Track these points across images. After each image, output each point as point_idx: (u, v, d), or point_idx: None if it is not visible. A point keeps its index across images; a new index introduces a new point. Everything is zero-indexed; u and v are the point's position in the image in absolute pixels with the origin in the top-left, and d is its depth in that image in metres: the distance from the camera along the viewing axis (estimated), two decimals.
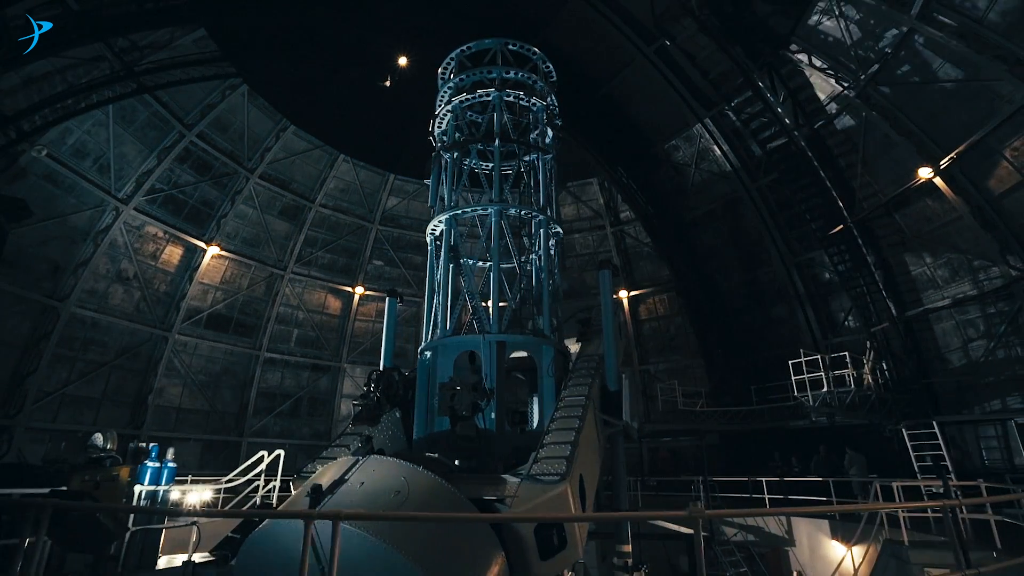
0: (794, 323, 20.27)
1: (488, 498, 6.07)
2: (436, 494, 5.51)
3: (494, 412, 9.04)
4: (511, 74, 13.24)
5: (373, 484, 5.49)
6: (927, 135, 15.10)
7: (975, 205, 14.62)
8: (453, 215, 11.63)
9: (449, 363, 9.80)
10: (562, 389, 9.38)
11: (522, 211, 12.16)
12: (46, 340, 17.23)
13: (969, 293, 15.24)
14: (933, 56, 14.25)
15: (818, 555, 13.03)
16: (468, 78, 13.18)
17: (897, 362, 16.26)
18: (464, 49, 13.85)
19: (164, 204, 19.97)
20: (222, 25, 17.66)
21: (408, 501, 5.26)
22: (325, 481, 5.59)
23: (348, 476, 5.62)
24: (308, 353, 24.43)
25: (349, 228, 25.10)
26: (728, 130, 19.90)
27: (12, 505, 7.67)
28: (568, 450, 6.72)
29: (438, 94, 13.79)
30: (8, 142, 15.17)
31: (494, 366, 9.63)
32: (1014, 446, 14.59)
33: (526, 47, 13.94)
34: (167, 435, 20.28)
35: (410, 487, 5.40)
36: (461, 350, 10.06)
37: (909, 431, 15.38)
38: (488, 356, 9.71)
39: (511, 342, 10.21)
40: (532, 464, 6.48)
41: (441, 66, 14.19)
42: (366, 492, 5.39)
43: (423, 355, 10.50)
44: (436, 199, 12.42)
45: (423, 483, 5.55)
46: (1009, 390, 14.77)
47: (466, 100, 13.00)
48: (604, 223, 25.50)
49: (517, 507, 5.80)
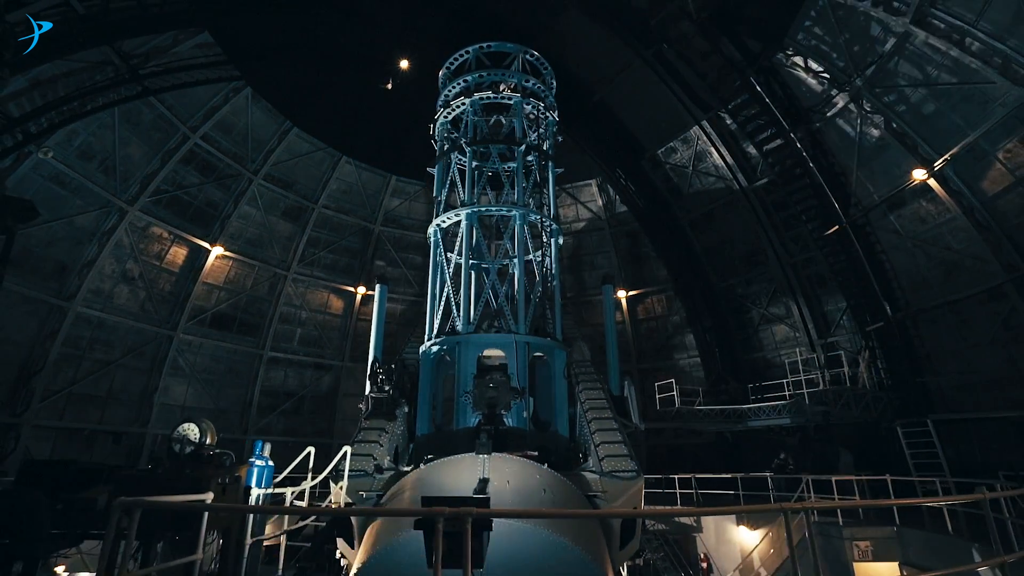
0: (790, 323, 20.50)
1: (589, 494, 6.39)
2: (568, 492, 5.99)
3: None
4: (530, 83, 13.54)
5: (519, 483, 5.80)
6: (921, 137, 15.32)
7: (968, 206, 14.82)
8: (476, 211, 11.71)
9: (473, 358, 9.92)
10: (578, 392, 9.69)
11: (541, 219, 12.45)
12: (52, 339, 17.47)
13: (962, 293, 15.42)
14: (927, 59, 14.45)
15: (723, 539, 15.21)
16: (487, 77, 13.41)
17: (892, 361, 16.46)
18: (483, 46, 14.11)
19: (169, 205, 20.21)
20: (225, 29, 17.89)
21: (555, 499, 5.59)
22: (454, 480, 5.84)
23: (485, 475, 5.86)
24: (311, 352, 24.66)
25: (351, 229, 25.34)
26: (725, 132, 20.13)
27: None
28: (625, 448, 7.10)
29: (444, 90, 14.02)
30: (15, 144, 15.39)
31: (525, 366, 9.83)
32: (1007, 443, 14.79)
33: (541, 60, 14.25)
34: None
35: (549, 486, 5.73)
36: (485, 347, 10.20)
37: (903, 429, 15.62)
38: (515, 356, 9.89)
39: (533, 344, 10.47)
40: (600, 461, 6.81)
41: (447, 63, 14.45)
42: (518, 491, 5.71)
43: (428, 350, 10.63)
44: (444, 193, 12.59)
45: (556, 483, 6.00)
46: (1002, 388, 14.95)
47: (487, 98, 13.14)
48: (603, 224, 25.73)
49: (609, 501, 6.13)
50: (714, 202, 22.10)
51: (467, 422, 9.18)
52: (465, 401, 9.22)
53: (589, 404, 9.14)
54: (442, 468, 6.45)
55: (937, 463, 14.77)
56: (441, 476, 6.18)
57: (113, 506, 3.29)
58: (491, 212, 12.28)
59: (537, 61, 14.43)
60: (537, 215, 12.42)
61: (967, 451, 15.44)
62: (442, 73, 15.13)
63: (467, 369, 9.65)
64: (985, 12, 12.95)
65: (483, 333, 10.81)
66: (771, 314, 21.28)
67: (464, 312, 10.85)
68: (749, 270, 21.77)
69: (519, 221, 11.92)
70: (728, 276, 22.43)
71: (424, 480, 6.17)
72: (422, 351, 10.99)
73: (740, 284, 22.17)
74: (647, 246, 24.56)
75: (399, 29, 18.37)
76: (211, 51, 18.32)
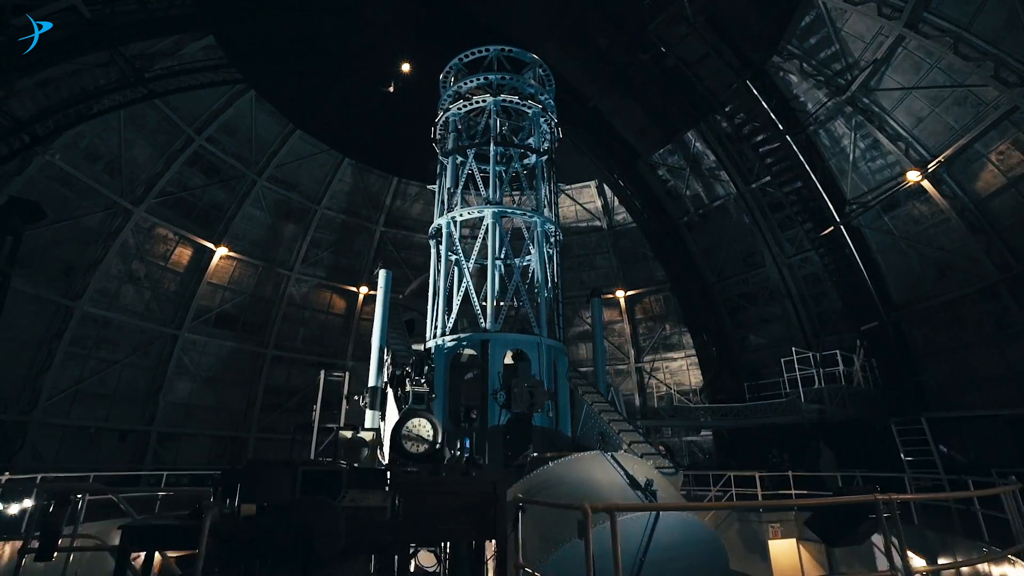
0: (786, 322, 20.72)
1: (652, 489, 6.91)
2: (665, 483, 6.77)
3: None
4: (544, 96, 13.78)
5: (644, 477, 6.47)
6: (915, 139, 15.54)
7: (961, 207, 15.03)
8: (500, 211, 11.88)
9: (500, 356, 10.09)
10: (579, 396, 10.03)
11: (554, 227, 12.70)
12: (59, 338, 17.69)
13: (956, 293, 15.63)
14: (921, 62, 14.65)
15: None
16: (508, 81, 13.64)
17: (886, 360, 16.67)
18: (504, 49, 14.29)
19: (174, 206, 20.44)
20: (230, 33, 18.15)
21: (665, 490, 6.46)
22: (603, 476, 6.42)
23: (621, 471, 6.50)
24: (314, 351, 24.92)
25: (354, 230, 25.59)
26: (722, 135, 20.35)
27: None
28: (651, 447, 7.79)
29: (453, 86, 14.22)
30: (22, 146, 15.60)
31: (550, 367, 10.06)
32: (1000, 441, 14.99)
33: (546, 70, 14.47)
34: (178, 431, 20.86)
35: (656, 478, 6.49)
36: (512, 347, 10.38)
37: (898, 427, 15.83)
38: (540, 358, 10.10)
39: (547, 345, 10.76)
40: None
41: (460, 56, 14.64)
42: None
43: (443, 345, 10.76)
44: (459, 193, 12.77)
45: (657, 476, 6.69)
46: (995, 387, 15.16)
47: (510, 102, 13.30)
48: (601, 225, 25.97)
49: (661, 492, 6.65)
50: (711, 203, 22.34)
51: (494, 419, 9.29)
52: (499, 399, 9.23)
53: (599, 407, 9.47)
54: (582, 465, 6.75)
55: (931, 460, 14.99)
56: (590, 472, 6.52)
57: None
58: (515, 215, 12.43)
59: (519, 55, 14.64)
60: (553, 224, 12.66)
61: (961, 449, 15.65)
62: (446, 71, 15.24)
63: (495, 367, 9.80)
64: (977, 17, 13.16)
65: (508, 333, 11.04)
66: (767, 313, 21.50)
67: (492, 311, 11.00)
68: (745, 270, 22.00)
69: (540, 227, 12.18)
70: (725, 276, 22.65)
71: (571, 477, 6.43)
72: (435, 346, 11.08)
73: (737, 284, 22.38)
74: (645, 246, 24.79)
75: (399, 34, 18.63)
76: (215, 54, 18.54)
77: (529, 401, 8.27)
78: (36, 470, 15.97)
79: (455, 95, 13.67)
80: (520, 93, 13.61)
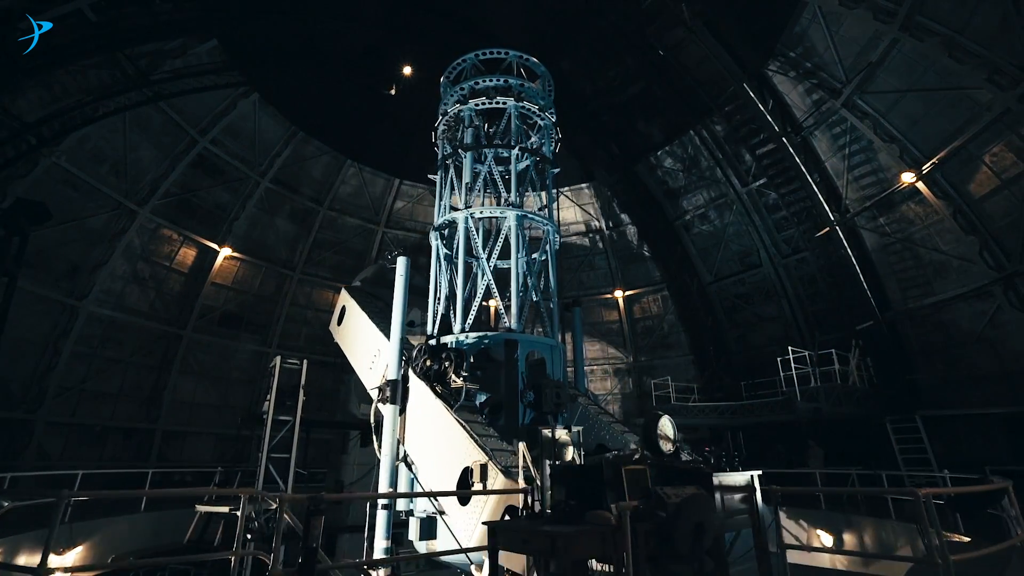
0: (783, 321, 20.92)
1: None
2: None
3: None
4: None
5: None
6: (910, 141, 15.71)
7: (956, 208, 15.20)
8: (522, 213, 11.98)
9: (523, 357, 10.26)
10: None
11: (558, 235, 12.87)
12: (65, 338, 17.95)
13: (950, 293, 15.82)
14: (915, 65, 14.81)
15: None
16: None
17: (881, 359, 16.86)
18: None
19: (178, 207, 20.67)
20: (234, 36, 18.36)
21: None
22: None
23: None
24: (317, 350, 25.11)
25: (356, 231, 25.80)
26: (719, 136, 20.56)
27: None
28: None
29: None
30: (28, 148, 15.81)
31: (564, 369, 10.27)
32: (993, 439, 15.19)
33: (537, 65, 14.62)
34: (182, 429, 21.12)
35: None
36: (532, 348, 10.53)
37: (893, 425, 16.04)
38: (554, 360, 10.30)
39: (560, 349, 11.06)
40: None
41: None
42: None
43: (460, 342, 10.89)
44: (477, 190, 12.83)
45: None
46: (988, 385, 15.35)
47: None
48: (600, 225, 26.18)
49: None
50: (708, 205, 22.56)
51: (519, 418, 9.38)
52: (526, 399, 9.31)
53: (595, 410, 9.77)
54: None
55: (925, 458, 15.20)
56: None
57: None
58: (535, 221, 12.51)
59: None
60: (555, 227, 12.78)
61: (955, 446, 15.83)
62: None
63: (519, 368, 10.00)
64: (972, 20, 13.33)
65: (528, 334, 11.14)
66: (764, 313, 21.70)
67: (516, 311, 11.06)
68: (742, 270, 22.20)
69: (552, 236, 12.35)
70: (722, 276, 22.85)
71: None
72: (456, 341, 11.15)
73: (733, 284, 22.58)
74: (643, 247, 25.01)
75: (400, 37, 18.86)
76: (219, 57, 18.76)
77: (555, 401, 8.50)
78: (41, 468, 16.31)
79: (471, 91, 13.62)
80: (535, 103, 13.76)
